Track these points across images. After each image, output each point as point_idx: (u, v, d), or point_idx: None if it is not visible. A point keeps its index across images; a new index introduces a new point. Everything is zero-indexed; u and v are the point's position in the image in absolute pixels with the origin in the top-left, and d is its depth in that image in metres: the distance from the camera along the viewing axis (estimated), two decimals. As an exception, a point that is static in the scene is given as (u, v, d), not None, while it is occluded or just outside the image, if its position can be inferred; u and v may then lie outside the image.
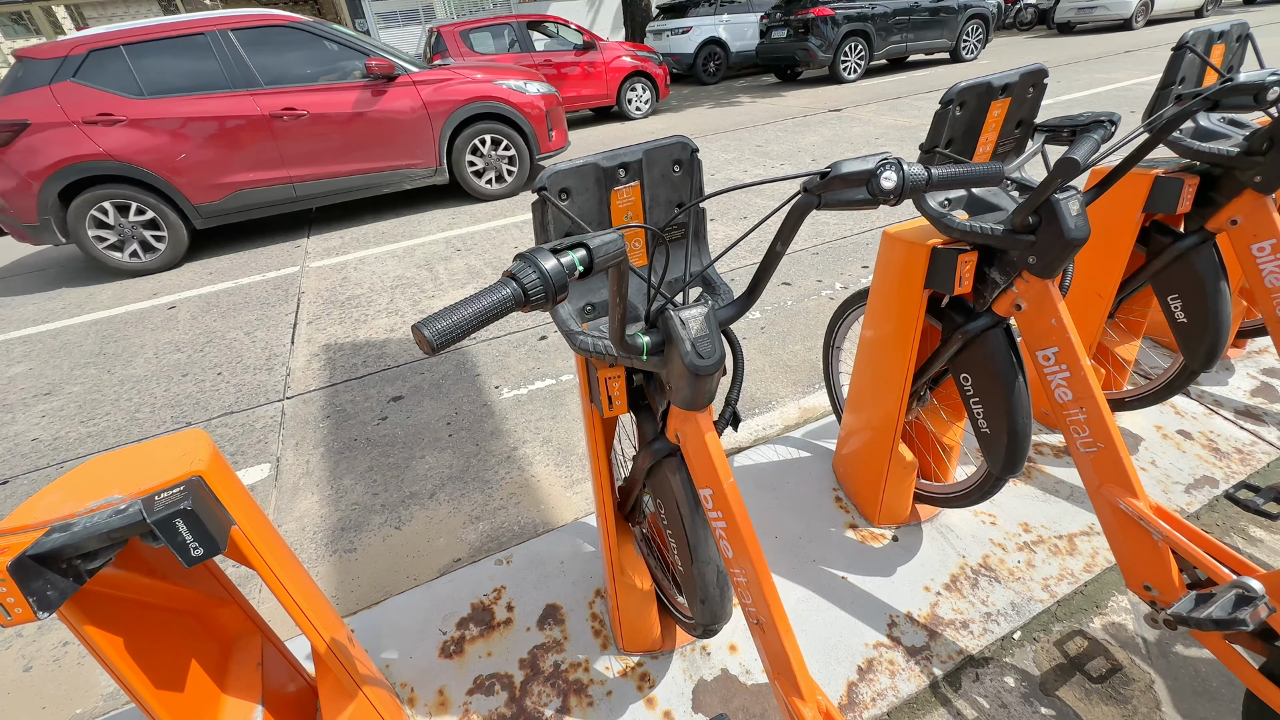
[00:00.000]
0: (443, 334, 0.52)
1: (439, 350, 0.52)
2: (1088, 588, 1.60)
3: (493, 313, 0.54)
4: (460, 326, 0.52)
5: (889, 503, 1.71)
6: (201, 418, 2.76)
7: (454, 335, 0.52)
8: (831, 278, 3.46)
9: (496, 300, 0.55)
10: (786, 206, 0.92)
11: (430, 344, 0.51)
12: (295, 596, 1.01)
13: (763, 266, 0.86)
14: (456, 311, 0.53)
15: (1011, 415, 1.35)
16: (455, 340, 0.52)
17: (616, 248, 0.61)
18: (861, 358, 1.66)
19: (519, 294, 0.56)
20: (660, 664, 1.46)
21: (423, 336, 0.51)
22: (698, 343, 0.84)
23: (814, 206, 0.77)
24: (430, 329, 0.52)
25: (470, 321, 0.53)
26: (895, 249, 1.43)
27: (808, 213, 0.78)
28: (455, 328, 0.52)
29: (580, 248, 0.60)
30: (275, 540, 1.03)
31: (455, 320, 0.52)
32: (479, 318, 0.53)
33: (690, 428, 0.94)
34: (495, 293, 0.55)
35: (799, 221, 0.80)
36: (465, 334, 0.53)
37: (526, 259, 0.57)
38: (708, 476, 0.93)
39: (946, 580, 1.62)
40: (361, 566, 1.89)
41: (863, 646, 1.47)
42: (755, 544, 0.91)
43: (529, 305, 0.57)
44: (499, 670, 1.48)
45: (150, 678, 0.96)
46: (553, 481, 2.15)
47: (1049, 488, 1.87)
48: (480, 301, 0.54)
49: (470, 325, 0.53)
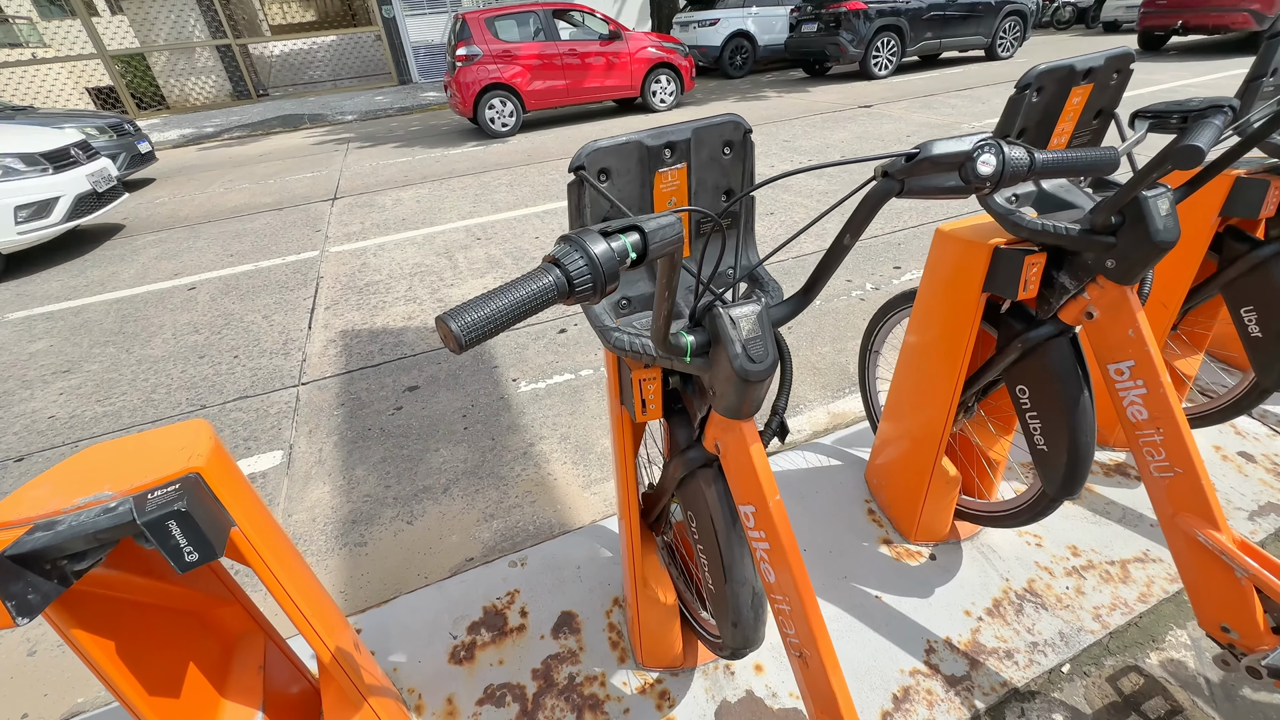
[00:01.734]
0: (473, 328, 0.43)
1: (467, 347, 0.43)
2: (1143, 619, 1.48)
3: (530, 304, 0.46)
4: (493, 320, 0.44)
5: (928, 519, 1.60)
6: (216, 401, 2.72)
7: (485, 330, 0.44)
8: (861, 278, 3.34)
9: (536, 290, 0.46)
10: (860, 193, 0.81)
11: (458, 339, 0.43)
12: (299, 603, 0.94)
13: (825, 261, 0.76)
14: (489, 303, 0.44)
15: (1073, 433, 1.24)
16: (486, 336, 0.44)
17: (673, 233, 0.52)
18: (905, 363, 1.55)
19: (562, 283, 0.47)
20: (681, 682, 1.38)
21: (449, 331, 0.43)
22: (749, 345, 0.75)
23: (894, 194, 0.68)
24: (458, 322, 0.43)
25: (504, 314, 0.44)
26: (951, 248, 1.32)
27: (885, 201, 0.69)
28: (487, 321, 0.44)
29: (633, 231, 0.51)
30: (280, 542, 0.96)
31: (487, 313, 0.44)
32: (514, 310, 0.45)
33: (733, 438, 0.85)
34: (534, 281, 0.46)
35: (874, 211, 0.70)
36: (498, 329, 0.44)
37: (572, 242, 0.48)
38: (751, 492, 0.84)
39: (989, 605, 1.51)
40: (372, 561, 1.83)
41: (898, 673, 1.38)
42: (802, 569, 0.82)
43: (573, 297, 0.48)
44: (511, 680, 1.41)
45: (143, 683, 0.90)
46: (570, 480, 2.07)
47: (1099, 509, 1.75)
48: (516, 291, 0.45)
49: (504, 318, 0.44)
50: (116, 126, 6.92)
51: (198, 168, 8.13)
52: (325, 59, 14.46)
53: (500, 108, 8.18)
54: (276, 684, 1.19)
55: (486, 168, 6.51)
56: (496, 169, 6.41)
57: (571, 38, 8.60)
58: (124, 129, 7.01)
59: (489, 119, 8.17)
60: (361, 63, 14.71)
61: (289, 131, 10.48)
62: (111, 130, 6.82)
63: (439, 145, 8.01)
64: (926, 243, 3.69)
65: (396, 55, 14.23)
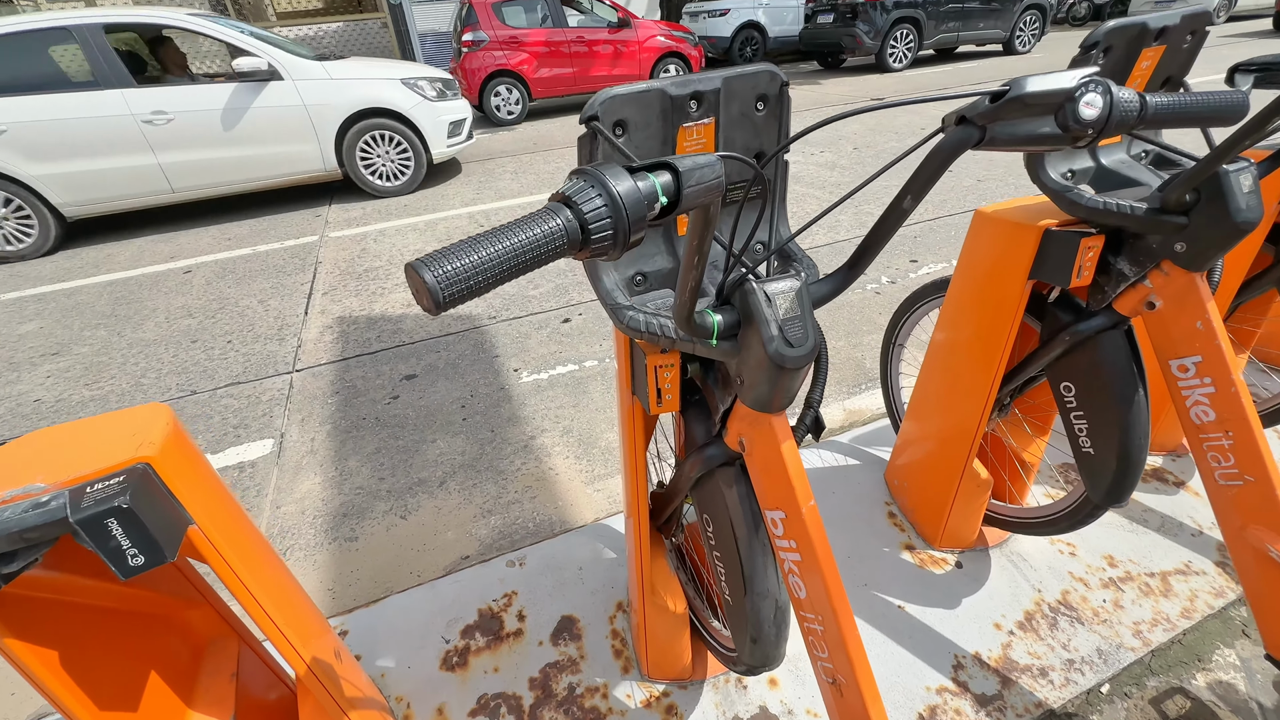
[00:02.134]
0: (454, 281, 0.33)
1: (447, 305, 0.33)
2: (1187, 637, 1.38)
3: (530, 253, 0.35)
4: (480, 271, 0.33)
5: (955, 524, 1.50)
6: (207, 387, 2.63)
7: (470, 284, 0.33)
8: (877, 271, 3.22)
9: (539, 236, 0.35)
10: (925, 146, 0.70)
11: (434, 295, 0.32)
12: (270, 608, 0.84)
13: (878, 229, 0.66)
14: (475, 249, 0.34)
15: (1125, 435, 1.13)
16: (472, 293, 0.34)
17: (713, 176, 0.42)
18: (935, 358, 1.44)
19: (573, 228, 0.36)
20: (689, 696, 1.28)
21: (422, 283, 0.32)
22: (786, 326, 0.64)
23: (972, 144, 0.57)
24: (434, 271, 0.33)
25: (495, 265, 0.34)
26: (993, 231, 1.21)
27: (959, 154, 0.58)
28: (473, 273, 0.33)
29: (664, 170, 0.40)
30: (249, 541, 0.86)
31: (473, 262, 0.33)
32: (508, 259, 0.34)
33: (761, 433, 0.74)
34: (537, 224, 0.36)
35: (944, 167, 0.59)
36: (487, 283, 0.34)
37: (589, 177, 0.38)
38: (781, 496, 0.74)
39: (1020, 618, 1.41)
40: (362, 558, 1.73)
41: (924, 690, 1.28)
42: (838, 585, 0.72)
43: (587, 248, 0.38)
44: (506, 690, 1.31)
45: (93, 695, 0.80)
46: (572, 476, 1.97)
47: (1136, 516, 1.64)
48: (512, 236, 0.35)
49: (495, 270, 0.34)
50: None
51: (199, 152, 8.01)
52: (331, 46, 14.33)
53: (506, 95, 8.05)
54: (251, 692, 1.09)
55: (491, 155, 6.39)
56: (501, 156, 6.29)
57: (579, 24, 8.45)
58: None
59: (494, 106, 8.05)
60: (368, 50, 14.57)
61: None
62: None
63: (443, 132, 7.89)
64: (944, 236, 3.57)
65: (403, 43, 14.07)
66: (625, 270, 0.81)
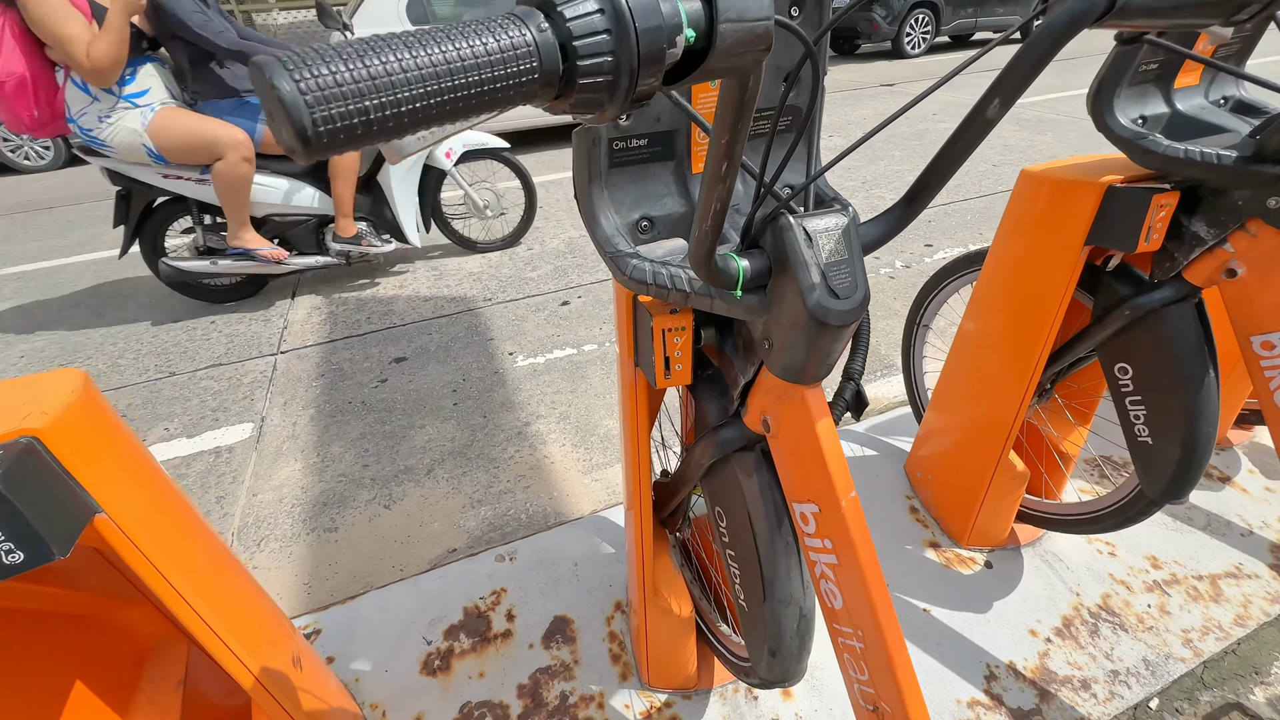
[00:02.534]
0: (330, 98, 0.20)
1: (322, 141, 0.20)
2: (1242, 647, 1.25)
3: (472, 81, 0.22)
4: (380, 93, 0.20)
5: (985, 520, 1.37)
6: (187, 368, 2.50)
7: (359, 109, 0.20)
8: (891, 255, 3.08)
9: (490, 53, 0.22)
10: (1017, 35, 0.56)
11: (294, 118, 0.19)
12: (207, 613, 0.71)
13: (949, 148, 0.52)
14: (377, 54, 0.20)
15: (1191, 423, 1.00)
16: (366, 128, 0.20)
17: (759, 11, 0.28)
18: (967, 338, 1.31)
19: (551, 50, 0.23)
20: (694, 707, 1.16)
21: (278, 100, 0.19)
22: (831, 271, 0.51)
23: (1094, 19, 0.43)
24: (298, 79, 0.19)
25: (407, 88, 0.21)
26: (1043, 191, 1.07)
27: (1076, 32, 0.44)
28: (364, 92, 0.20)
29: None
30: (183, 533, 0.73)
31: (368, 73, 0.20)
32: (433, 85, 0.21)
33: (792, 410, 0.61)
34: (489, 34, 0.22)
35: (1051, 53, 0.46)
36: (391, 117, 0.21)
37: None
38: (815, 485, 0.61)
39: (1058, 623, 1.28)
40: (342, 550, 1.61)
41: (954, 704, 1.15)
42: (884, 595, 0.59)
43: (569, 91, 0.24)
44: (492, 698, 1.19)
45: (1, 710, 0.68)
46: (569, 465, 1.84)
47: (1180, 514, 1.51)
48: (445, 46, 0.21)
49: (405, 97, 0.21)
50: (108, 86, 6.67)
51: (194, 133, 7.84)
52: (330, 28, 14.14)
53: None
54: (202, 701, 0.97)
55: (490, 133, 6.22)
56: (501, 139, 6.12)
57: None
58: (116, 89, 6.75)
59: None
60: (367, 33, 14.41)
61: (290, 100, 10.18)
62: (103, 90, 6.56)
63: (443, 115, 7.71)
64: (959, 221, 3.42)
65: (403, 26, 13.84)
66: (629, 213, 0.67)
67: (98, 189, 5.37)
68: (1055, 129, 5.07)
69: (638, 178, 0.66)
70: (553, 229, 3.67)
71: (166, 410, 2.24)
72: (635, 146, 0.64)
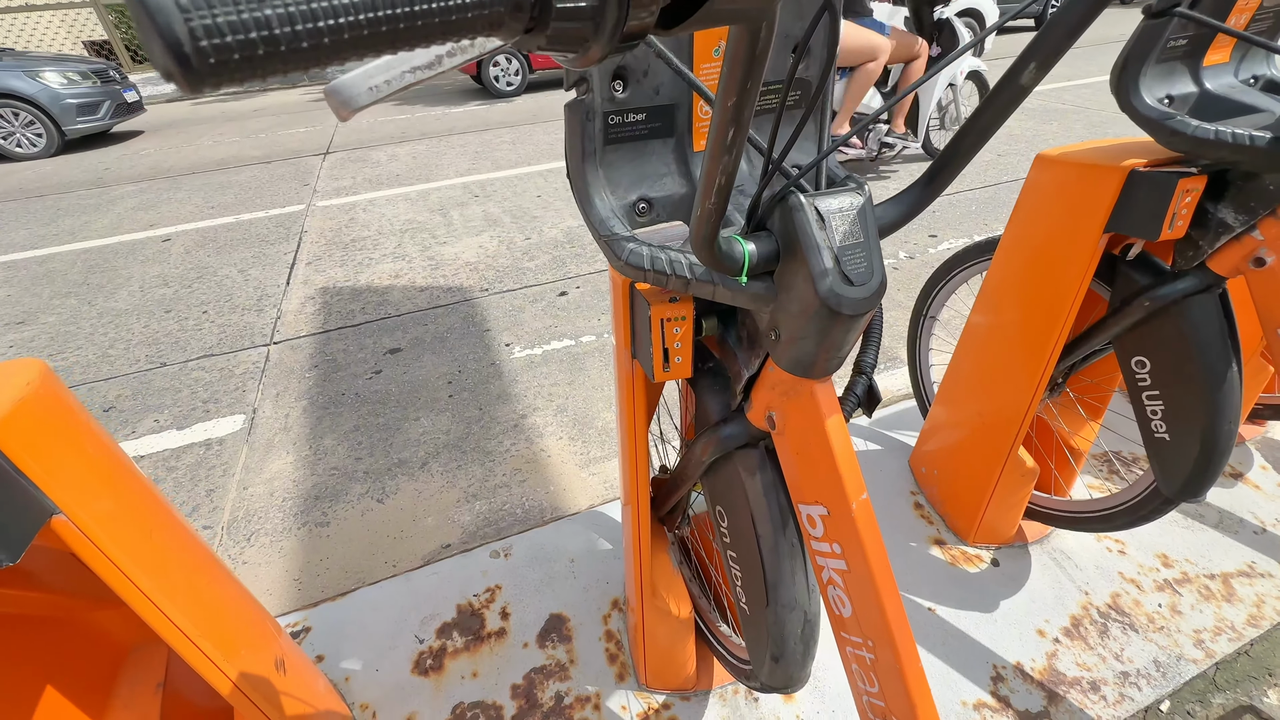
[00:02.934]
0: (232, 29, 0.15)
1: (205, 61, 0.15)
2: (1255, 648, 1.22)
3: (420, 7, 0.17)
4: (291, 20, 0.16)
5: (992, 517, 1.34)
6: (178, 359, 2.46)
7: (261, 22, 0.16)
8: (895, 245, 3.03)
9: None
10: None
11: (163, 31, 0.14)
12: (178, 616, 0.67)
13: (977, 119, 0.48)
14: None
15: (1212, 418, 0.96)
16: (269, 51, 0.16)
17: None
18: (977, 329, 1.27)
19: None
20: (693, 708, 1.13)
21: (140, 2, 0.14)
22: (844, 255, 0.47)
23: None
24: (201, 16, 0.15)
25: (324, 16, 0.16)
26: (1060, 176, 1.02)
27: None
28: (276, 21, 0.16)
29: None
30: (152, 533, 0.69)
31: None
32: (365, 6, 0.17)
33: (799, 406, 0.57)
34: None
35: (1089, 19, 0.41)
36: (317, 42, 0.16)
37: None
38: (824, 486, 0.57)
39: (1066, 623, 1.25)
40: (334, 545, 1.58)
41: (959, 706, 1.12)
42: (897, 604, 0.55)
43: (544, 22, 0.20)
44: (485, 698, 1.16)
45: (-42, 723, 0.64)
46: (566, 458, 1.81)
47: (1191, 511, 1.48)
48: None
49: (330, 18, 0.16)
50: (100, 73, 6.57)
51: (189, 121, 7.76)
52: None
53: (505, 65, 7.76)
54: (182, 703, 0.94)
55: (489, 125, 6.15)
56: (500, 127, 6.05)
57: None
58: (109, 76, 6.66)
59: (494, 77, 7.76)
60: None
61: (286, 88, 10.06)
62: (95, 76, 6.47)
63: (440, 103, 7.62)
64: (963, 211, 3.37)
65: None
66: (625, 194, 0.63)
67: (89, 177, 5.31)
68: (1061, 118, 5.00)
69: (635, 156, 0.62)
70: (551, 219, 3.61)
71: (157, 401, 2.20)
72: (632, 122, 0.60)
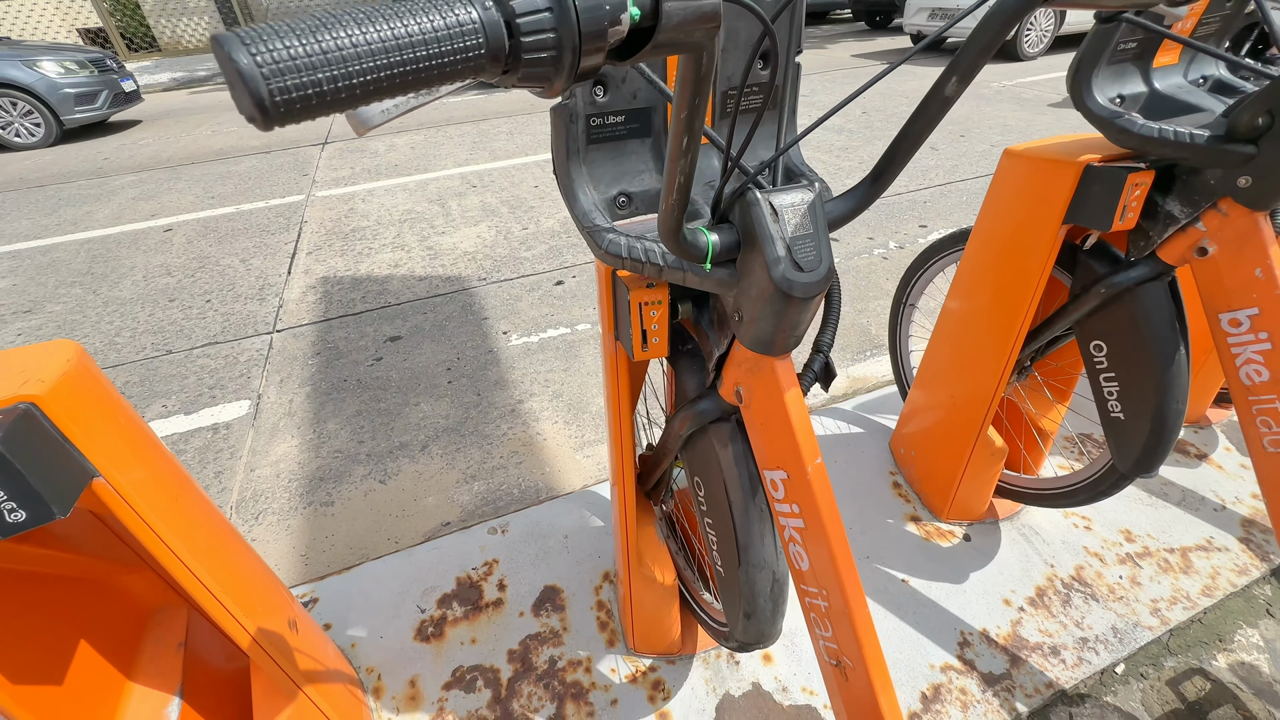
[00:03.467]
0: (286, 70, 0.22)
1: (280, 111, 0.22)
2: (1208, 616, 1.30)
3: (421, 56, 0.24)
4: (332, 65, 0.22)
5: (964, 495, 1.41)
6: (183, 346, 2.52)
7: (314, 80, 0.22)
8: (885, 235, 3.08)
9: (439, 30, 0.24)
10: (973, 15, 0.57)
11: (253, 90, 0.21)
12: (203, 574, 0.74)
13: (910, 127, 0.54)
14: (330, 29, 0.22)
15: (1162, 398, 1.03)
16: (321, 99, 0.23)
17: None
18: (950, 316, 1.33)
19: (496, 27, 0.25)
20: (678, 671, 1.21)
21: (236, 72, 0.21)
22: (796, 245, 0.53)
23: (1042, 1, 0.45)
24: (256, 53, 0.21)
25: (358, 61, 0.23)
26: (1023, 170, 1.08)
27: (1024, 15, 0.46)
28: (319, 64, 0.22)
29: None
30: (178, 499, 0.76)
31: (321, 48, 0.22)
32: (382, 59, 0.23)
33: (761, 381, 0.64)
34: (438, 10, 0.24)
35: (1002, 35, 0.47)
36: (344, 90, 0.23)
37: None
38: (783, 453, 0.64)
39: (1031, 593, 1.33)
40: (338, 523, 1.65)
41: (927, 668, 1.20)
42: (847, 556, 0.62)
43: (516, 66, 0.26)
44: (483, 662, 1.23)
45: (6, 669, 0.71)
46: (560, 442, 1.88)
47: (1155, 490, 1.55)
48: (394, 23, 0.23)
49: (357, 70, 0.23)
50: (97, 62, 6.56)
51: (186, 111, 7.76)
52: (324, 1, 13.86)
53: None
54: (202, 662, 1.01)
55: (486, 115, 6.17)
56: (496, 117, 6.07)
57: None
58: (106, 65, 6.65)
59: (491, 66, 7.76)
60: (361, 8, 14.13)
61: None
62: (92, 66, 6.46)
63: (438, 93, 7.61)
64: (954, 201, 3.42)
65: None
66: (607, 189, 0.69)
67: (88, 167, 5.34)
68: (1055, 111, 5.03)
69: (615, 154, 0.68)
70: (548, 209, 3.66)
71: (164, 388, 2.26)
72: (612, 123, 0.66)
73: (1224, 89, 1.00)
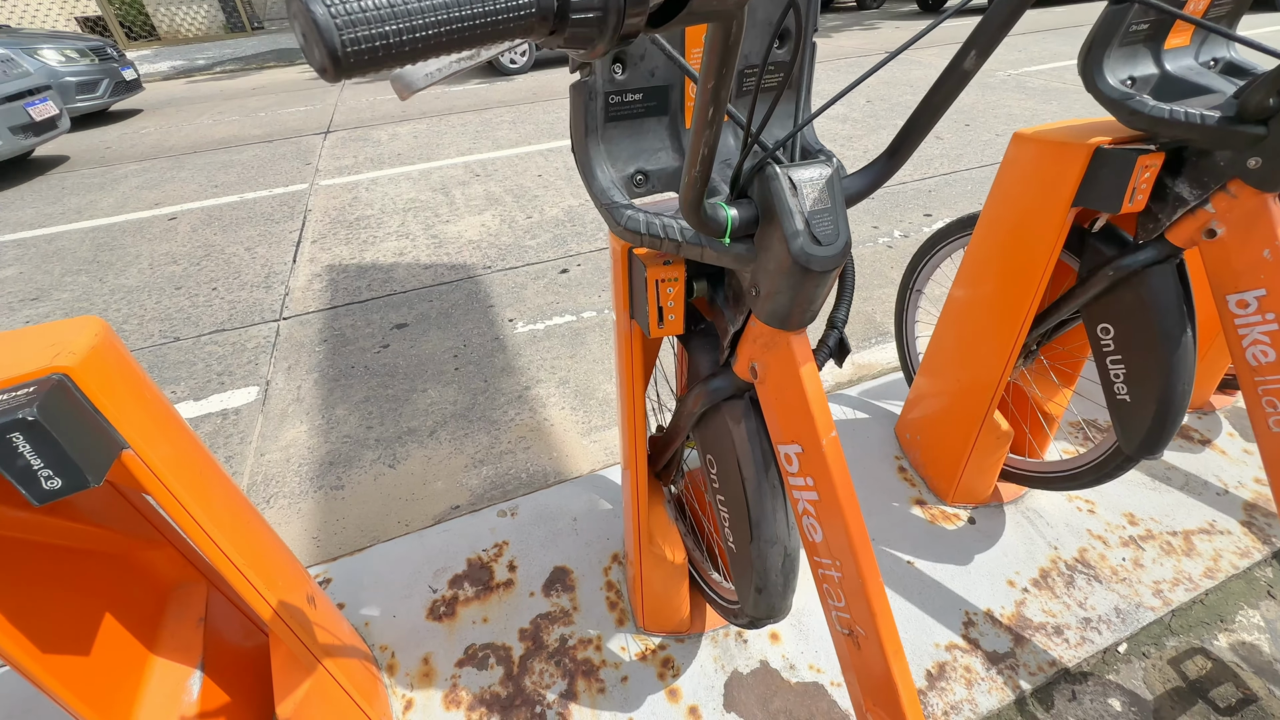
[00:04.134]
0: (358, 23, 0.23)
1: (351, 62, 0.23)
2: (1209, 597, 1.31)
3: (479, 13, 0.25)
4: (399, 19, 0.23)
5: (969, 478, 1.42)
6: (191, 334, 2.53)
7: (383, 34, 0.23)
8: (890, 225, 3.08)
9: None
10: None
11: (327, 41, 0.22)
12: (227, 547, 0.76)
13: (929, 101, 0.55)
14: None
15: (1169, 379, 1.04)
16: (387, 52, 0.24)
17: None
18: (958, 300, 1.34)
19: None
20: (687, 649, 1.23)
21: (311, 21, 0.22)
22: (814, 219, 0.54)
23: None
24: (338, 2, 0.22)
25: (422, 17, 0.24)
26: (1033, 153, 1.09)
27: None
28: (387, 18, 0.23)
29: None
30: (202, 473, 0.78)
31: (389, 3, 0.23)
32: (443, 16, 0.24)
33: (778, 356, 0.65)
34: None
35: (1020, 11, 0.48)
36: (409, 44, 0.24)
37: None
38: (798, 427, 0.65)
39: (1035, 575, 1.34)
40: (349, 506, 1.67)
41: (932, 647, 1.22)
42: (860, 527, 0.64)
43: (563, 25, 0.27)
44: (495, 640, 1.26)
45: (37, 640, 0.73)
46: (568, 427, 1.89)
47: (1159, 474, 1.56)
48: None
49: (422, 25, 0.24)
50: (98, 50, 6.54)
51: (187, 100, 7.73)
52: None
53: (505, 43, 7.71)
54: (221, 638, 1.03)
55: (489, 104, 6.14)
56: (499, 106, 6.04)
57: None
58: (106, 53, 6.62)
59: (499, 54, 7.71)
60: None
61: (284, 66, 9.97)
62: (93, 54, 6.44)
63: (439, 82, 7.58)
64: (959, 190, 3.41)
65: None
66: (624, 167, 0.70)
67: (91, 156, 5.33)
68: (1061, 97, 5.00)
69: (633, 132, 0.69)
70: (552, 197, 3.66)
71: (173, 374, 2.28)
72: (630, 101, 0.66)
73: (1235, 71, 1.01)
